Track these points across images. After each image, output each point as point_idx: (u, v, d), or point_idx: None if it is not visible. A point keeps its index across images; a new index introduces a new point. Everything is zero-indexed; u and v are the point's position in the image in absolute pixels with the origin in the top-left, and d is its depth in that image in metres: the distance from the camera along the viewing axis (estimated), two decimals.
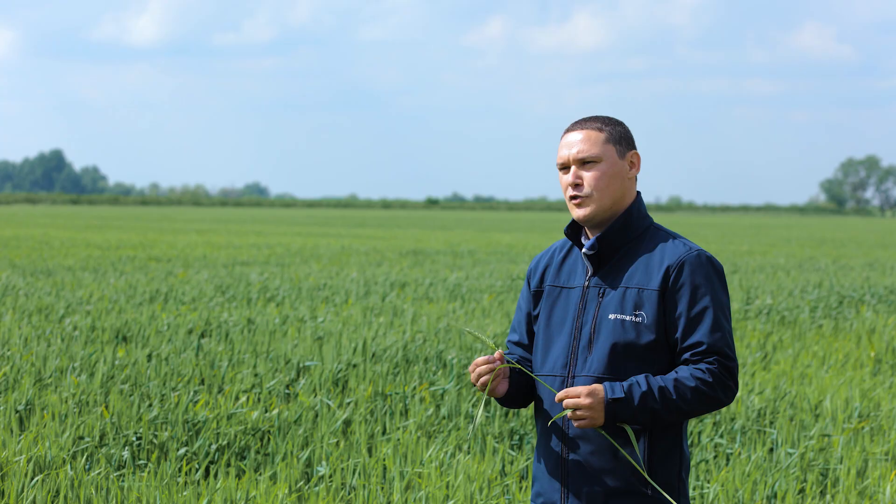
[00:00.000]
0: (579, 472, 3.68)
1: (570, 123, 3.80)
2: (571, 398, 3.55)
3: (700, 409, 3.59)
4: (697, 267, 3.65)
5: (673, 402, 3.55)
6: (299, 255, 26.95)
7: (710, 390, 3.57)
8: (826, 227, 74.20)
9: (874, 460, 7.40)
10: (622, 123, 3.79)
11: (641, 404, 3.54)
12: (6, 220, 55.61)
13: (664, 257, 3.68)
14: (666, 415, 3.56)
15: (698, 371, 3.58)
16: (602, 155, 3.72)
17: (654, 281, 3.65)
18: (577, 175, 3.73)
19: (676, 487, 3.67)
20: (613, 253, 3.73)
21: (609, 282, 3.71)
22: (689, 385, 3.56)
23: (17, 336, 10.64)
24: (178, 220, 62.97)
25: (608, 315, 3.67)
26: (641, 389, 3.54)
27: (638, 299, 3.65)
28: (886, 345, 11.93)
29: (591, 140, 3.73)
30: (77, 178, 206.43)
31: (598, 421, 3.55)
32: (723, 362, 3.60)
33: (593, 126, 3.75)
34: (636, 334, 3.63)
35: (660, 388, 3.55)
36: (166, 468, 6.62)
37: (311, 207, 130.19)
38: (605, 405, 3.54)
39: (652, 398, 3.54)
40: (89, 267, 21.23)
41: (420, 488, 6.50)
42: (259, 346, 10.47)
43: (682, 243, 3.71)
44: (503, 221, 76.83)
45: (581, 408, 3.54)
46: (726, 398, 3.60)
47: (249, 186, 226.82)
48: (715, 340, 3.60)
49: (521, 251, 31.15)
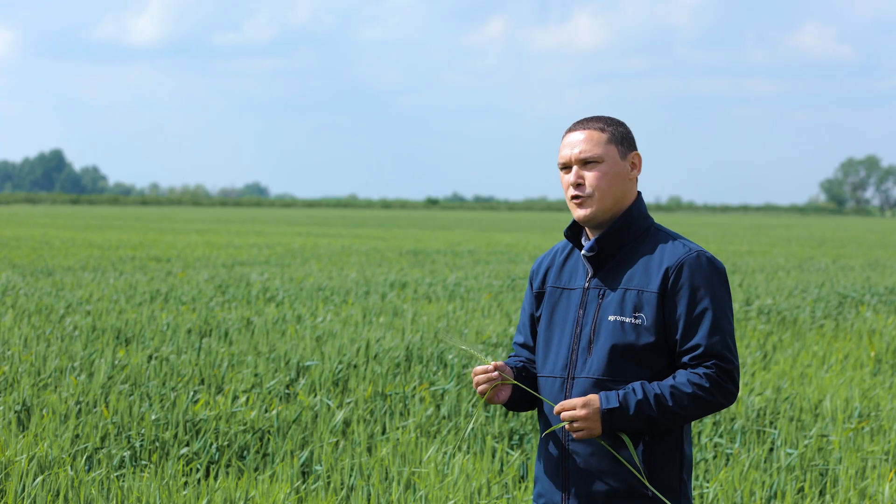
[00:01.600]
0: (580, 474, 3.67)
1: (572, 123, 3.79)
2: (567, 410, 3.55)
3: (698, 413, 3.57)
4: (697, 268, 3.63)
5: (669, 409, 3.53)
6: (299, 255, 26.94)
7: (707, 395, 3.55)
8: (826, 227, 74.16)
9: (874, 460, 7.40)
10: (624, 124, 3.78)
11: (637, 412, 3.53)
12: (6, 220, 55.59)
13: (664, 259, 3.66)
14: (663, 421, 3.55)
15: (695, 376, 3.56)
16: (604, 155, 3.71)
17: (654, 283, 3.64)
18: (579, 175, 3.72)
19: (677, 489, 3.66)
20: (613, 254, 3.72)
21: (609, 283, 3.69)
22: (686, 391, 3.54)
23: (17, 336, 10.64)
24: (178, 220, 62.95)
25: (608, 317, 3.66)
26: (637, 398, 3.53)
27: (637, 301, 3.64)
28: (886, 345, 11.93)
29: (593, 140, 3.72)
30: (77, 178, 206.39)
31: (595, 431, 3.55)
32: (721, 366, 3.57)
33: (595, 126, 3.74)
34: (636, 336, 3.62)
35: (656, 396, 3.53)
36: (167, 468, 6.63)
37: (311, 207, 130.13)
38: (601, 415, 3.54)
39: (648, 406, 3.53)
40: (89, 267, 21.22)
41: (419, 488, 6.51)
42: (259, 346, 10.47)
43: (682, 244, 3.68)
44: (503, 221, 76.80)
45: (577, 419, 3.54)
46: (725, 401, 3.58)
47: (249, 186, 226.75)
48: (713, 343, 3.57)
49: (521, 251, 31.14)
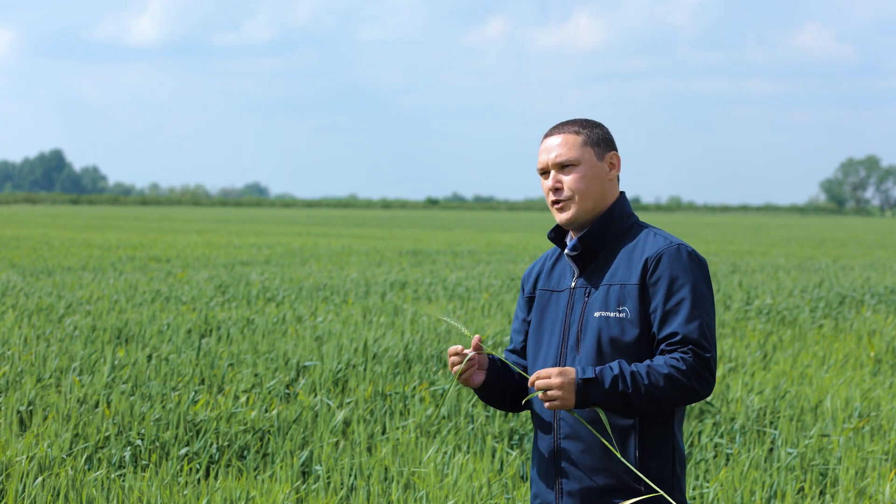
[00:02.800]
0: (572, 472, 3.70)
1: (549, 128, 3.83)
2: (542, 378, 3.57)
3: (674, 397, 3.57)
4: (676, 259, 3.66)
5: (644, 387, 3.54)
6: (299, 255, 26.95)
7: (683, 378, 3.56)
8: (826, 227, 74.17)
9: (874, 460, 7.40)
10: (601, 125, 3.81)
11: (612, 387, 3.54)
12: (6, 220, 55.60)
13: (644, 251, 3.70)
14: (637, 400, 3.56)
15: (672, 360, 3.57)
16: (580, 158, 3.75)
17: (635, 275, 3.67)
18: (557, 179, 3.77)
19: (670, 482, 3.67)
20: (597, 253, 3.76)
21: (593, 281, 3.74)
22: (662, 372, 3.55)
23: (18, 336, 10.64)
24: (177, 220, 62.96)
25: (593, 313, 3.69)
26: (613, 373, 3.55)
27: (620, 295, 3.67)
28: (886, 345, 11.93)
29: (568, 144, 3.76)
30: (77, 178, 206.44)
31: (568, 402, 3.55)
32: (697, 352, 3.58)
33: (570, 130, 3.78)
34: (620, 330, 3.65)
35: (632, 373, 3.55)
36: (167, 468, 6.63)
37: (311, 207, 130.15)
38: (576, 385, 3.55)
39: (623, 381, 3.54)
40: (89, 267, 21.23)
41: (419, 488, 6.51)
42: (259, 346, 10.47)
43: (664, 237, 3.72)
44: (503, 221, 76.82)
45: (552, 388, 3.55)
46: (701, 389, 3.59)
47: (249, 186, 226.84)
48: (690, 331, 3.59)
49: (521, 251, 31.15)
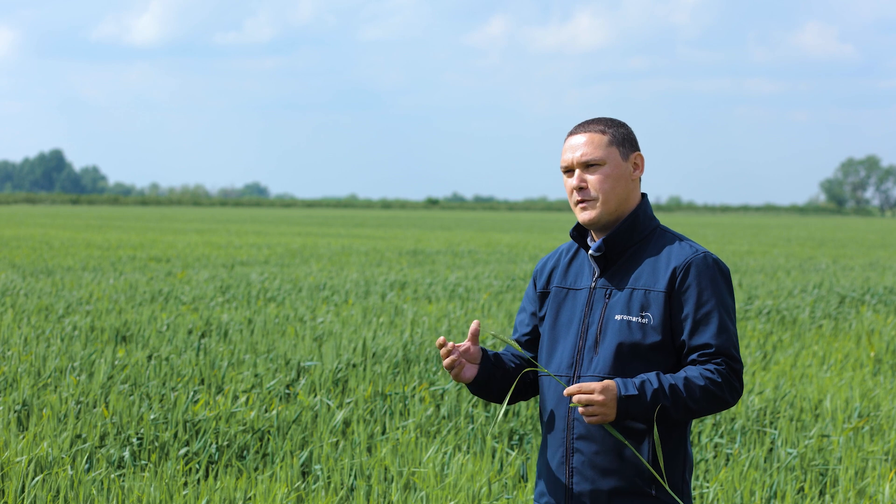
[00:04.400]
0: (583, 472, 3.68)
1: (574, 126, 3.79)
2: (584, 394, 3.54)
3: (707, 408, 3.60)
4: (704, 269, 3.66)
5: (682, 400, 3.56)
6: (299, 255, 26.94)
7: (718, 390, 3.58)
8: (826, 227, 74.17)
9: (874, 460, 7.40)
10: (625, 125, 3.78)
11: (653, 401, 3.54)
12: (6, 220, 55.59)
13: (671, 259, 3.68)
14: (675, 413, 3.57)
15: (707, 371, 3.59)
16: (606, 158, 3.72)
17: (661, 283, 3.66)
18: (582, 178, 3.73)
19: (680, 489, 3.69)
20: (620, 254, 3.74)
21: (615, 283, 3.72)
22: (699, 384, 3.57)
23: (17, 336, 10.64)
24: (177, 220, 62.95)
25: (614, 316, 3.68)
26: (653, 387, 3.55)
27: (644, 300, 3.66)
28: (886, 345, 11.93)
29: (594, 143, 3.73)
30: (77, 178, 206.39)
31: (608, 418, 3.55)
32: (730, 364, 3.61)
33: (596, 129, 3.75)
34: (642, 335, 3.64)
35: (671, 386, 3.55)
36: (166, 468, 6.63)
37: (311, 207, 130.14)
38: (618, 402, 3.54)
39: (663, 395, 3.55)
40: (89, 267, 21.22)
41: (419, 488, 6.51)
42: (259, 346, 10.47)
43: (689, 245, 3.71)
44: (503, 221, 76.80)
45: (594, 403, 3.53)
46: (732, 399, 3.62)
47: (249, 186, 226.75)
48: (722, 342, 3.61)
49: (521, 251, 31.14)
